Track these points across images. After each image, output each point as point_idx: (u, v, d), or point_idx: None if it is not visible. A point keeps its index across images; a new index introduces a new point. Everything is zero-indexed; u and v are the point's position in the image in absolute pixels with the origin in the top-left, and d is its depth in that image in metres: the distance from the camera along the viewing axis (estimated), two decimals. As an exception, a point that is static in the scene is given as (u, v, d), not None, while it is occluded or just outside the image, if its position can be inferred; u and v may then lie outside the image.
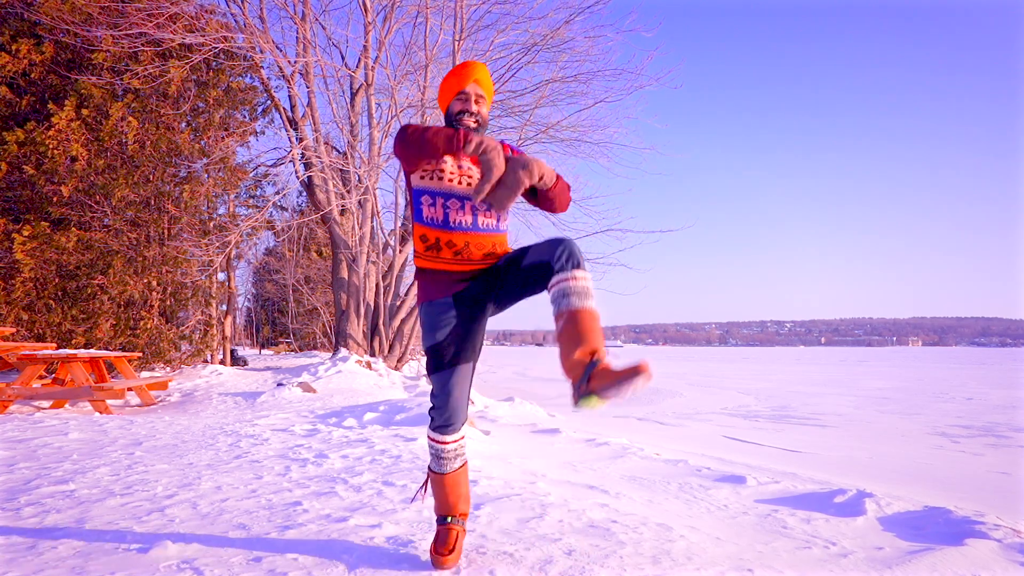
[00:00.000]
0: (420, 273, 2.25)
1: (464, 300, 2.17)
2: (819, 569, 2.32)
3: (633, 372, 1.68)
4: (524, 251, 2.06)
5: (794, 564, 2.36)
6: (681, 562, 2.31)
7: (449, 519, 2.28)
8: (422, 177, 2.17)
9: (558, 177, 2.17)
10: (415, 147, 2.07)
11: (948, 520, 2.86)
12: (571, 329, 1.85)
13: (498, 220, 2.20)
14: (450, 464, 2.27)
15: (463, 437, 2.29)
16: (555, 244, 1.96)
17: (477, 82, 2.22)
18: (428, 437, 2.28)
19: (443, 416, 2.20)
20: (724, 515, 3.06)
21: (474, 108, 2.20)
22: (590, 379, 1.77)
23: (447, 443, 2.24)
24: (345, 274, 12.94)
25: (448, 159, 2.15)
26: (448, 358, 2.16)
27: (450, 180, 2.14)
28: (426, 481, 2.38)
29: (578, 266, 1.92)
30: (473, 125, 2.19)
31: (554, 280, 1.94)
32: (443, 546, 2.20)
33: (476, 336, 2.21)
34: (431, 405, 2.24)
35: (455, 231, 2.13)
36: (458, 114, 2.20)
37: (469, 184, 2.14)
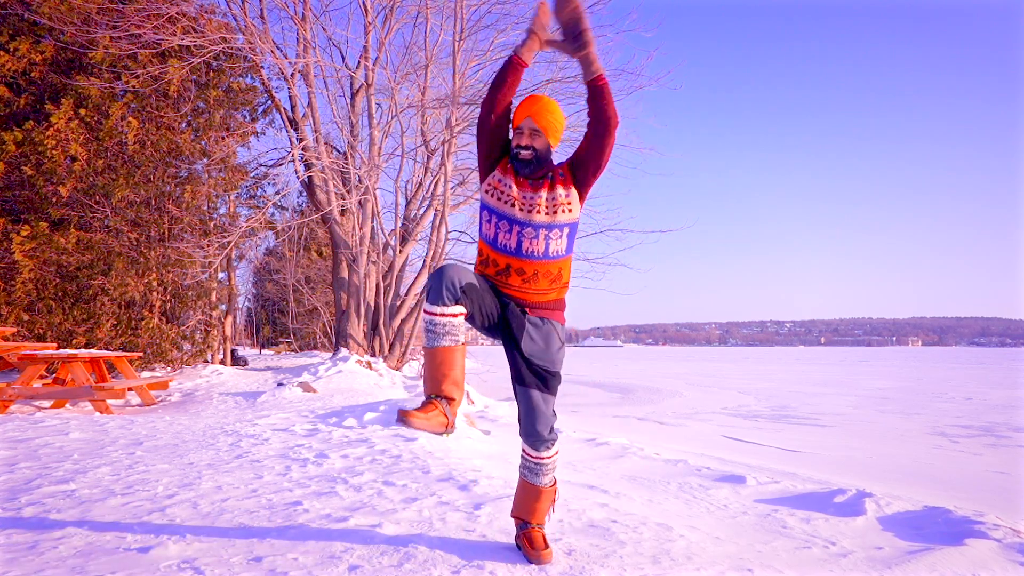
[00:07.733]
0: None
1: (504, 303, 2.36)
2: (819, 569, 2.32)
3: (538, 558, 2.32)
4: (524, 378, 2.33)
5: (794, 564, 2.36)
6: (681, 562, 2.32)
7: (433, 397, 2.21)
8: (487, 192, 2.35)
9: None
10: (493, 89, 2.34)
11: (948, 520, 2.87)
12: (524, 495, 2.44)
13: (546, 247, 2.31)
14: (438, 340, 2.22)
15: (457, 316, 2.22)
16: (541, 425, 2.34)
17: (532, 116, 2.35)
18: (423, 311, 2.25)
19: (434, 287, 2.20)
20: (724, 515, 3.06)
21: (525, 142, 2.32)
22: (519, 535, 2.43)
23: (435, 315, 2.21)
24: (345, 274, 12.94)
25: (511, 182, 2.31)
26: (464, 282, 2.21)
27: (506, 202, 2.31)
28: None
29: (547, 449, 2.38)
30: (527, 156, 2.31)
31: (528, 451, 2.41)
32: (420, 409, 2.13)
33: (494, 309, 2.34)
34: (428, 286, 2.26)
35: (500, 252, 2.34)
36: (515, 149, 2.35)
37: (521, 209, 2.30)
